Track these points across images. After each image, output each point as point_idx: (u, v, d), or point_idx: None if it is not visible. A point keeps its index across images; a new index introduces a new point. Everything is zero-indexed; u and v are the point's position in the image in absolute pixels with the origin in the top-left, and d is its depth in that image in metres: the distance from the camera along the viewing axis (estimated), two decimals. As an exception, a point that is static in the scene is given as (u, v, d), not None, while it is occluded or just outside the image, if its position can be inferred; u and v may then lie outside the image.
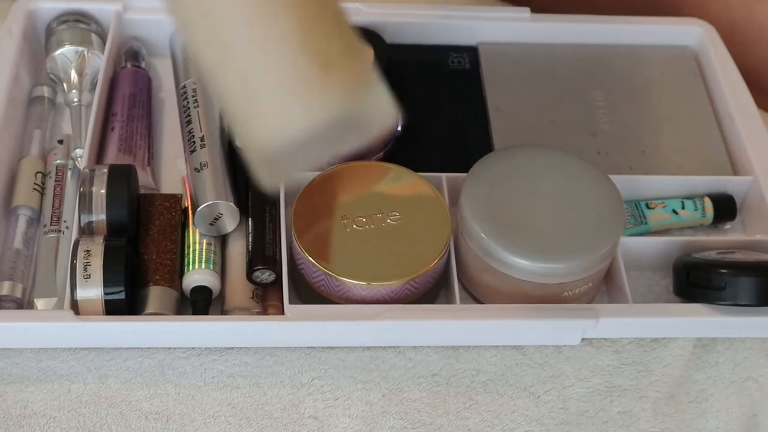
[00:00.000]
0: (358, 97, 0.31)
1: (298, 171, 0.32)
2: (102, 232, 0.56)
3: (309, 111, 0.30)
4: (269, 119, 0.31)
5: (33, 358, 0.55)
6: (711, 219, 0.63)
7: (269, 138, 0.31)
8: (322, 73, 0.31)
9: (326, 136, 0.31)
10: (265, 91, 0.31)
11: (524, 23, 0.72)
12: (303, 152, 0.31)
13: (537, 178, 0.58)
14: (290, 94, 0.31)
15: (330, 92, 0.31)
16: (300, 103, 0.31)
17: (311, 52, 0.31)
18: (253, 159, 0.32)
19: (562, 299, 0.57)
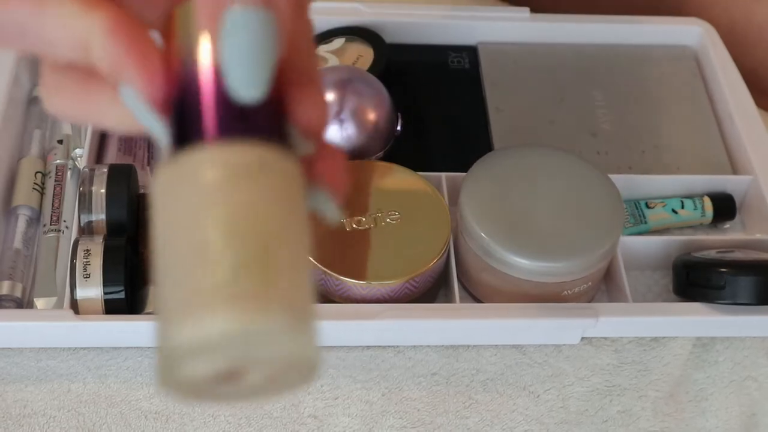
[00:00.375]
0: (293, 329, 0.28)
1: (197, 387, 0.29)
2: (102, 232, 0.56)
3: (232, 312, 0.28)
4: (189, 306, 0.28)
5: (33, 358, 0.55)
6: (710, 218, 0.63)
7: (180, 330, 0.28)
8: (264, 286, 0.28)
9: (238, 356, 0.28)
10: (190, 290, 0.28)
11: (524, 23, 0.72)
12: (210, 360, 0.28)
13: (537, 177, 0.58)
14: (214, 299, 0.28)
15: (267, 306, 0.28)
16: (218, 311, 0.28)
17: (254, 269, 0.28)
18: (158, 353, 0.29)
19: (562, 298, 0.56)
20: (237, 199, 0.29)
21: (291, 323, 0.28)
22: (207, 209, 0.29)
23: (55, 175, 0.61)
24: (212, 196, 0.29)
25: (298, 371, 0.30)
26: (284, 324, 0.28)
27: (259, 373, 0.30)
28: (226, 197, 0.29)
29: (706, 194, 0.64)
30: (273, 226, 0.29)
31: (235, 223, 0.29)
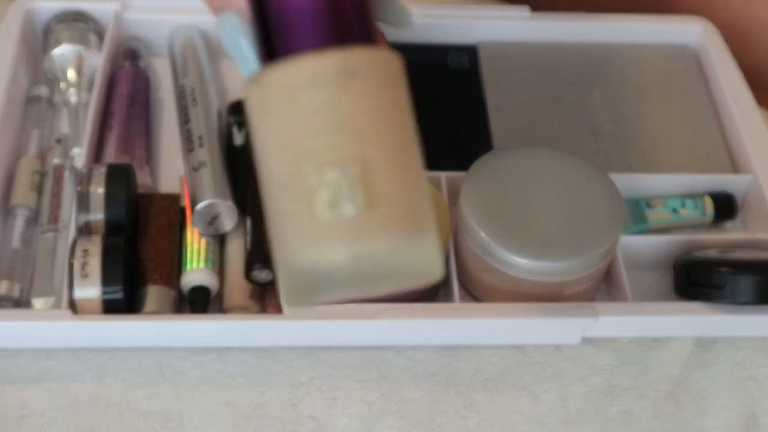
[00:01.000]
0: (404, 245, 0.28)
1: (325, 301, 0.29)
2: (100, 232, 0.56)
3: (345, 244, 0.28)
4: (304, 240, 0.28)
5: (31, 358, 0.55)
6: (711, 218, 0.63)
7: (301, 260, 0.28)
8: (368, 211, 0.28)
9: (361, 275, 0.28)
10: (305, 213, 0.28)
11: (524, 22, 0.72)
12: (333, 284, 0.28)
13: (537, 176, 0.57)
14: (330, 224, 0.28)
15: (373, 232, 0.28)
16: (338, 235, 0.28)
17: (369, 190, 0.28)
18: (281, 275, 0.30)
19: (562, 298, 0.56)
20: (322, 122, 0.28)
21: (401, 239, 0.28)
22: (293, 138, 0.28)
23: (54, 174, 0.61)
24: (296, 122, 0.28)
25: (419, 279, 0.30)
26: (397, 247, 0.28)
27: (385, 284, 0.30)
28: (311, 122, 0.28)
29: (706, 194, 0.64)
30: (367, 143, 0.28)
31: (337, 149, 0.28)
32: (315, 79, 0.28)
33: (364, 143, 0.28)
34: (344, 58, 0.29)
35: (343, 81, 0.29)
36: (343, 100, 0.28)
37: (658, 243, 0.61)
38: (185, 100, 0.64)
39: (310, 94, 0.28)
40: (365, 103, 0.29)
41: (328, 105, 0.28)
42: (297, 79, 0.29)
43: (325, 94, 0.28)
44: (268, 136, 0.29)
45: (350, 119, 0.28)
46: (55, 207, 0.60)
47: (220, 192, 0.58)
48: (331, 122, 0.28)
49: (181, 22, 0.69)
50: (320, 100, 0.28)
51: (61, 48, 0.66)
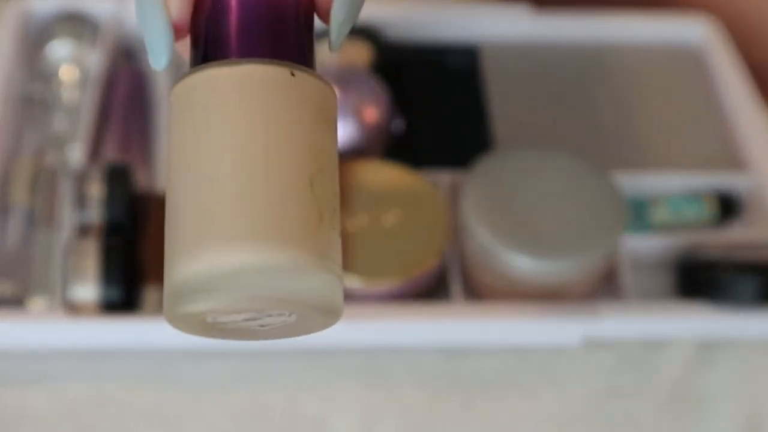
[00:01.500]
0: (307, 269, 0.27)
1: (206, 315, 0.28)
2: (98, 232, 0.56)
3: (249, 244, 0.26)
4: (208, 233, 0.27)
5: (27, 359, 0.55)
6: (714, 218, 0.63)
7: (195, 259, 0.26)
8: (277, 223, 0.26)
9: (251, 285, 0.26)
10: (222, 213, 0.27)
11: (524, 21, 0.71)
12: (223, 289, 0.26)
13: (538, 176, 0.57)
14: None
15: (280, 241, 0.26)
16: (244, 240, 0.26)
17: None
18: (167, 286, 0.28)
19: (563, 298, 0.56)
20: (252, 120, 0.27)
21: (303, 261, 0.27)
22: (220, 133, 0.27)
23: (51, 174, 0.61)
24: (226, 117, 0.27)
25: (316, 313, 0.28)
26: (293, 262, 0.26)
27: (274, 312, 0.28)
28: (242, 119, 0.27)
29: (710, 193, 0.63)
30: (294, 152, 0.27)
31: (250, 150, 0.27)
32: (259, 85, 0.28)
33: (289, 155, 0.27)
34: (270, 68, 0.28)
35: (285, 88, 0.28)
36: (284, 107, 0.28)
37: (660, 243, 0.61)
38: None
39: (253, 96, 0.28)
40: (305, 117, 0.28)
41: (271, 110, 0.28)
42: (238, 81, 0.28)
43: (268, 99, 0.28)
44: (197, 128, 0.28)
45: (289, 129, 0.28)
46: (52, 207, 0.59)
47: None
48: (271, 127, 0.28)
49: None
50: (261, 103, 0.28)
51: (59, 47, 0.66)
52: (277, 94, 0.28)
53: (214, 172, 0.27)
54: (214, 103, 0.28)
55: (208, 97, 0.28)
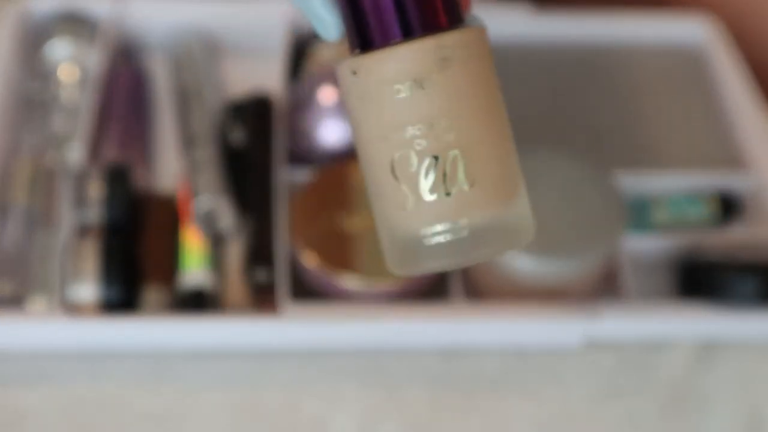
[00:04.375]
0: (502, 213, 0.32)
1: (430, 269, 0.32)
2: (97, 231, 0.56)
3: (449, 222, 0.31)
4: (410, 221, 0.31)
5: (27, 359, 0.55)
6: (716, 218, 0.63)
7: (405, 236, 0.31)
8: (469, 190, 0.31)
9: (464, 246, 0.31)
10: None
11: (524, 21, 0.71)
12: (437, 255, 0.31)
13: (538, 177, 0.57)
14: None
15: (474, 208, 0.31)
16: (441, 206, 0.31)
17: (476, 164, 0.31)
18: (386, 248, 0.33)
19: (563, 298, 0.56)
20: (421, 110, 0.30)
21: (495, 215, 0.31)
22: (392, 127, 0.30)
23: (50, 174, 0.61)
24: (395, 111, 0.30)
25: (519, 233, 0.33)
26: (489, 220, 0.31)
27: (486, 249, 0.32)
28: (411, 110, 0.30)
29: (711, 193, 0.63)
30: (464, 126, 0.30)
31: (437, 135, 0.30)
32: (412, 69, 0.30)
33: (462, 127, 0.31)
34: (438, 44, 0.31)
35: (438, 68, 0.30)
36: (440, 87, 0.30)
37: (660, 243, 0.60)
38: (183, 98, 0.64)
39: (408, 83, 0.30)
40: (461, 88, 0.31)
41: (426, 93, 0.30)
42: (394, 69, 0.30)
43: (424, 82, 0.30)
44: (367, 124, 0.31)
45: (447, 105, 0.30)
46: (52, 207, 0.59)
47: (218, 191, 0.58)
48: (429, 109, 0.30)
49: (181, 21, 0.68)
50: (418, 90, 0.30)
51: (58, 47, 0.66)
52: (469, 63, 0.32)
53: None
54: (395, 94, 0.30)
55: (367, 93, 0.31)
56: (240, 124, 0.63)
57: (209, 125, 0.62)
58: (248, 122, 0.62)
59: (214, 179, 0.58)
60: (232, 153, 0.62)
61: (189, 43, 0.67)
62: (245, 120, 0.63)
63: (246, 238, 0.58)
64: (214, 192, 0.58)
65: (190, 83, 0.65)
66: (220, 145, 0.62)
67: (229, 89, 0.67)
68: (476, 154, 0.31)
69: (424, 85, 0.30)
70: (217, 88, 0.66)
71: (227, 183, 0.59)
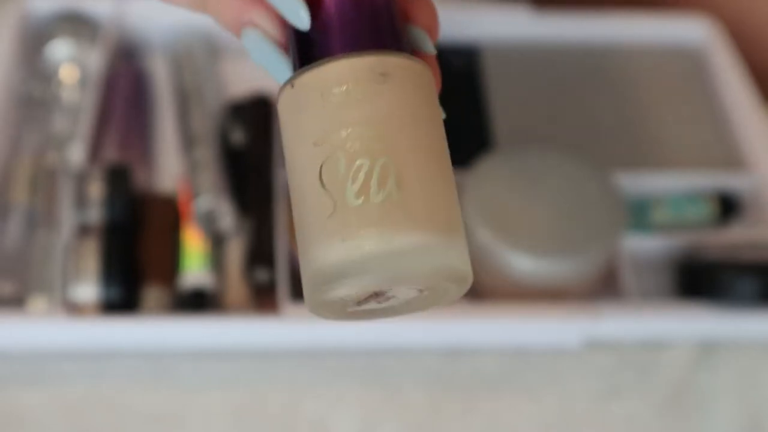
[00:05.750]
0: (432, 241, 0.29)
1: (344, 296, 0.29)
2: (97, 232, 0.56)
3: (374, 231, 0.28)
4: (333, 228, 0.28)
5: (27, 359, 0.55)
6: (716, 217, 0.63)
7: (325, 252, 0.28)
8: (399, 202, 0.29)
9: (384, 269, 0.28)
10: None
11: (524, 21, 0.71)
12: (355, 276, 0.28)
13: (538, 177, 0.57)
14: None
15: (402, 223, 0.28)
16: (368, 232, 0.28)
17: None
18: (304, 271, 0.30)
19: (563, 298, 0.56)
20: (355, 116, 0.29)
21: (426, 237, 0.28)
22: (325, 131, 0.29)
23: (51, 174, 0.61)
24: (330, 115, 0.29)
25: (448, 282, 0.30)
26: (418, 239, 0.28)
27: (408, 288, 0.30)
28: (344, 115, 0.29)
29: (711, 193, 0.63)
30: (398, 139, 0.29)
31: (370, 140, 0.29)
32: (350, 77, 0.30)
33: (397, 140, 0.29)
34: (379, 60, 0.30)
35: (377, 80, 0.30)
36: (377, 97, 0.30)
37: (660, 243, 0.60)
38: (183, 98, 0.64)
39: (344, 88, 0.30)
40: (398, 103, 0.30)
41: (363, 101, 0.30)
42: (332, 78, 0.30)
43: (360, 91, 0.30)
44: (300, 132, 0.30)
45: (383, 116, 0.29)
46: (52, 207, 0.59)
47: (218, 191, 0.58)
48: (365, 116, 0.29)
49: (180, 21, 0.68)
50: (354, 97, 0.30)
51: (59, 47, 0.66)
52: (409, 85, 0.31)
53: None
54: (328, 104, 0.30)
55: (304, 101, 0.30)
56: (240, 124, 0.63)
57: (209, 125, 0.62)
58: (248, 122, 0.62)
59: (214, 179, 0.58)
60: (232, 153, 0.62)
61: (189, 43, 0.67)
62: (245, 120, 0.63)
63: (246, 238, 0.58)
64: (214, 192, 0.58)
65: (190, 83, 0.65)
66: (220, 145, 0.62)
67: (229, 89, 0.67)
68: (408, 170, 0.29)
69: (360, 92, 0.30)
70: (217, 88, 0.66)
71: (227, 183, 0.59)
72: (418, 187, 0.29)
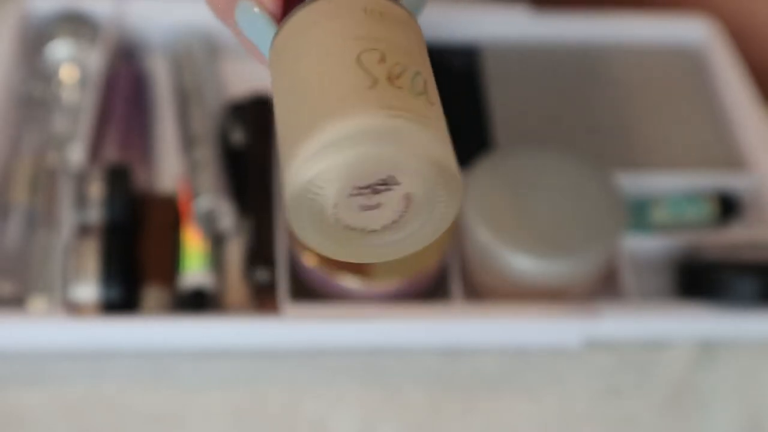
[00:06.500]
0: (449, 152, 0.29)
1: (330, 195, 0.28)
2: (97, 232, 0.56)
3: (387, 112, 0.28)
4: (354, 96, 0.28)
5: (27, 359, 0.55)
6: (716, 217, 0.63)
7: (362, 106, 0.28)
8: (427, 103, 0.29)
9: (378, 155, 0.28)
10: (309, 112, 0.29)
11: (524, 21, 0.71)
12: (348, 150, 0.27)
13: (538, 177, 0.57)
14: None
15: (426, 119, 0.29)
16: None
17: None
18: (285, 195, 0.29)
19: (563, 299, 0.56)
20: (394, 34, 0.30)
21: (424, 126, 0.28)
22: (378, 34, 0.30)
23: (51, 174, 0.61)
24: (381, 25, 0.30)
25: (439, 184, 0.30)
26: (417, 126, 0.28)
27: (397, 193, 0.29)
28: (384, 29, 0.30)
29: (711, 193, 0.63)
30: (428, 67, 0.30)
31: (396, 50, 0.29)
32: (386, 4, 0.31)
33: (424, 62, 0.30)
34: (375, 1, 0.31)
35: (404, 18, 0.31)
36: (406, 27, 0.31)
37: (660, 243, 0.60)
38: (183, 98, 0.64)
39: (381, 11, 0.30)
40: (399, 31, 0.31)
41: (385, 24, 0.30)
42: (333, 7, 0.30)
43: (395, 17, 0.31)
44: (335, 30, 0.30)
45: (405, 40, 0.30)
46: (52, 207, 0.59)
47: (219, 191, 0.58)
48: (391, 34, 0.30)
49: (180, 21, 0.68)
50: (390, 20, 0.30)
51: (59, 47, 0.66)
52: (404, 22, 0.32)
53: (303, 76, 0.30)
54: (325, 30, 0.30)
55: (339, 11, 0.30)
56: (240, 124, 0.63)
57: (209, 125, 0.62)
58: (248, 122, 0.63)
59: (214, 179, 0.59)
60: (232, 153, 0.62)
61: (189, 43, 0.67)
62: (245, 120, 0.63)
63: (246, 238, 0.58)
64: (214, 192, 0.58)
65: (190, 83, 0.65)
66: (220, 145, 0.62)
67: (229, 89, 0.67)
68: (431, 89, 0.30)
69: (395, 19, 0.31)
70: (217, 88, 0.66)
71: (227, 183, 0.59)
72: (437, 106, 0.30)
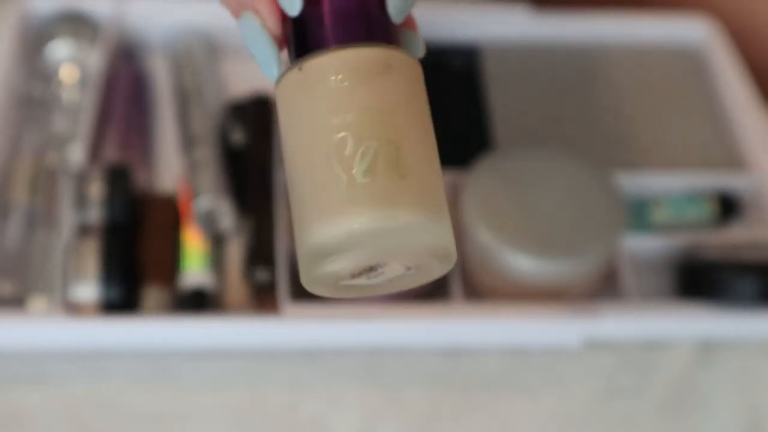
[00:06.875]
0: (427, 221, 0.31)
1: (343, 268, 0.31)
2: (97, 232, 0.56)
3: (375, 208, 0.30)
4: (338, 202, 0.30)
5: (27, 359, 0.55)
6: (716, 217, 0.63)
7: (327, 226, 0.31)
8: (400, 182, 0.31)
9: (381, 243, 0.31)
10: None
11: (524, 21, 0.71)
12: (352, 249, 0.30)
13: (538, 177, 0.57)
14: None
15: (403, 201, 0.31)
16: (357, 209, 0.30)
17: None
18: (300, 252, 0.32)
19: (563, 299, 0.56)
20: (364, 101, 0.31)
21: (424, 216, 0.31)
22: (334, 113, 0.31)
23: (51, 174, 0.61)
24: (339, 99, 0.31)
25: (434, 260, 0.32)
26: (417, 218, 0.31)
27: (397, 264, 0.32)
28: (354, 100, 0.31)
29: (711, 193, 0.63)
30: (400, 125, 0.32)
31: (363, 126, 0.31)
32: (359, 67, 0.32)
33: (400, 125, 0.32)
34: (385, 52, 0.32)
35: (383, 71, 0.32)
36: (383, 86, 0.32)
37: (660, 243, 0.60)
38: (183, 98, 0.64)
39: (351, 74, 0.32)
40: (401, 92, 0.32)
41: (371, 88, 0.32)
42: (340, 64, 0.32)
43: (366, 79, 0.32)
44: (307, 115, 0.32)
45: (389, 103, 0.32)
46: (52, 207, 0.59)
47: (218, 191, 0.58)
48: (373, 102, 0.32)
49: (180, 21, 0.68)
50: (361, 84, 0.32)
51: (59, 47, 0.66)
52: (409, 76, 0.33)
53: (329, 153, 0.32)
54: (327, 91, 0.32)
55: (313, 84, 0.32)
56: (240, 124, 0.63)
57: (209, 125, 0.62)
58: (248, 122, 0.62)
59: (214, 179, 0.59)
60: (232, 153, 0.62)
61: (189, 43, 0.67)
62: (245, 120, 0.63)
63: (246, 238, 0.58)
64: (214, 192, 0.58)
65: (190, 83, 0.65)
66: (220, 145, 0.62)
67: (229, 89, 0.67)
68: (410, 153, 0.31)
69: (366, 80, 0.32)
70: (217, 88, 0.66)
71: (227, 183, 0.59)
72: (417, 170, 0.31)
